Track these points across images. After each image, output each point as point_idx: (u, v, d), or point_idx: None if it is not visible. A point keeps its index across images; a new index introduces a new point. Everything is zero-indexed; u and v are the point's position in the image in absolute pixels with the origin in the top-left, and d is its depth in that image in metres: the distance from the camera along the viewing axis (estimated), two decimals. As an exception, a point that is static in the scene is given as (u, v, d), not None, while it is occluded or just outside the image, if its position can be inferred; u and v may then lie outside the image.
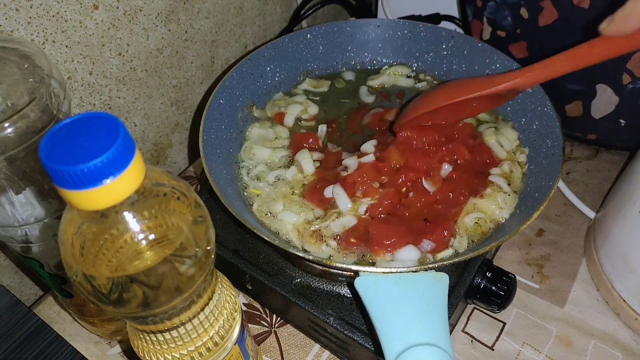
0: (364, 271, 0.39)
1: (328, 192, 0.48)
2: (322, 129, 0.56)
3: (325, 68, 0.64)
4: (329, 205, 0.48)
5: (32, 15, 0.47)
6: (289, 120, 0.57)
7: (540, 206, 0.42)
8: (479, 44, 0.58)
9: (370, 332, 0.43)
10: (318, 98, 0.61)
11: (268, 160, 0.53)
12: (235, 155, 0.54)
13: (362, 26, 0.64)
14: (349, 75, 0.64)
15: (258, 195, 0.50)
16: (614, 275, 0.50)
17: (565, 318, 0.51)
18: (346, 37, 0.64)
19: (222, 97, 0.54)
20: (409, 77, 0.63)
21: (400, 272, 0.39)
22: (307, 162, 0.51)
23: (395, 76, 0.63)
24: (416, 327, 0.36)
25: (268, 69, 0.60)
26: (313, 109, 0.59)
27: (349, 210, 0.47)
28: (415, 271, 0.39)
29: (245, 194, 0.50)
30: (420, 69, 0.63)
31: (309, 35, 0.63)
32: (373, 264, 0.44)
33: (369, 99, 0.61)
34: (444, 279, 0.39)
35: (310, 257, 0.40)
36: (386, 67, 0.64)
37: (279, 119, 0.58)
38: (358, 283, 0.39)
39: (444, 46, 0.61)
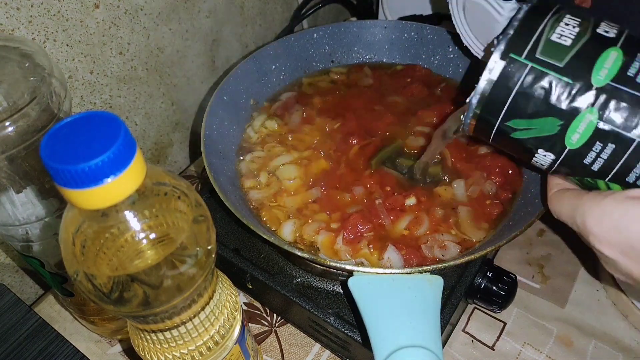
0: (357, 271, 0.39)
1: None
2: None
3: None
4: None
5: (33, 14, 0.47)
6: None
7: (538, 213, 0.42)
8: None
9: (362, 331, 0.43)
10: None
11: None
12: (236, 152, 0.54)
13: (369, 27, 0.64)
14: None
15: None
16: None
17: (565, 318, 0.51)
18: (353, 37, 0.64)
19: (226, 94, 0.54)
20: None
21: (394, 274, 0.39)
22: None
23: None
24: (407, 329, 0.36)
25: (273, 67, 0.60)
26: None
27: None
28: (410, 273, 0.39)
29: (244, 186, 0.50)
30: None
31: (315, 35, 0.62)
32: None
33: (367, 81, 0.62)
34: (438, 282, 0.39)
35: (307, 256, 0.40)
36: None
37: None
38: (351, 282, 0.39)
39: (450, 49, 0.61)
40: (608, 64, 0.31)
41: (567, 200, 0.34)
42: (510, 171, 0.50)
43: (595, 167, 0.32)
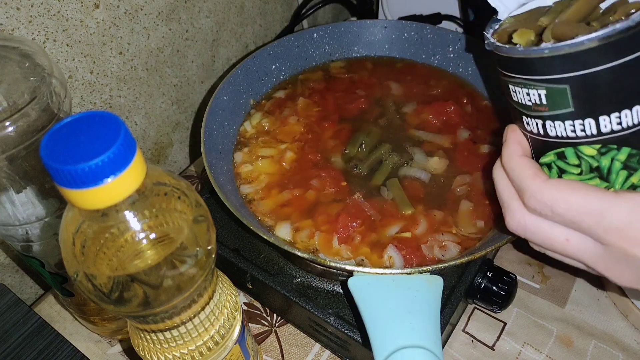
0: (357, 271, 0.39)
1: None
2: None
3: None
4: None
5: (33, 14, 0.47)
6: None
7: None
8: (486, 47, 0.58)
9: (362, 331, 0.43)
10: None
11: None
12: (234, 151, 0.54)
13: (369, 27, 0.64)
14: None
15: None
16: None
17: (565, 318, 0.51)
18: (353, 37, 0.64)
19: (226, 94, 0.54)
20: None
21: (394, 274, 0.39)
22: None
23: None
24: (407, 329, 0.36)
25: (273, 67, 0.60)
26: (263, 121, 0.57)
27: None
28: (410, 273, 0.39)
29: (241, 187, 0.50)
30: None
31: (315, 35, 0.63)
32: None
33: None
34: (438, 282, 0.39)
35: (307, 256, 0.40)
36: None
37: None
38: (351, 283, 0.39)
39: (450, 49, 0.61)
40: None
41: (588, 194, 0.30)
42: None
43: None
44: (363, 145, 0.52)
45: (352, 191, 0.48)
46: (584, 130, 0.31)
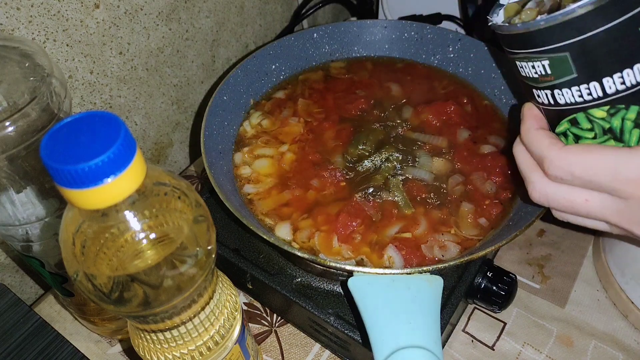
0: (357, 271, 0.39)
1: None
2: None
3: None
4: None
5: (33, 14, 0.47)
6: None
7: (538, 213, 0.42)
8: (486, 47, 0.58)
9: (362, 331, 0.43)
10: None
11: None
12: (234, 150, 0.54)
13: (369, 27, 0.64)
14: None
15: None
16: (622, 278, 0.50)
17: (565, 318, 0.51)
18: (353, 37, 0.64)
19: (226, 94, 0.54)
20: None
21: (394, 274, 0.39)
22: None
23: None
24: (407, 329, 0.36)
25: (273, 67, 0.60)
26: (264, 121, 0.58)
27: None
28: (410, 273, 0.39)
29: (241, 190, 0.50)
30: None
31: (315, 35, 0.63)
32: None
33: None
34: (438, 282, 0.39)
35: (307, 256, 0.40)
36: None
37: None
38: (351, 283, 0.39)
39: (450, 49, 0.61)
40: None
41: (602, 153, 0.31)
42: (510, 171, 0.50)
43: None
44: (363, 146, 0.52)
45: (353, 191, 0.49)
46: (590, 93, 0.32)
